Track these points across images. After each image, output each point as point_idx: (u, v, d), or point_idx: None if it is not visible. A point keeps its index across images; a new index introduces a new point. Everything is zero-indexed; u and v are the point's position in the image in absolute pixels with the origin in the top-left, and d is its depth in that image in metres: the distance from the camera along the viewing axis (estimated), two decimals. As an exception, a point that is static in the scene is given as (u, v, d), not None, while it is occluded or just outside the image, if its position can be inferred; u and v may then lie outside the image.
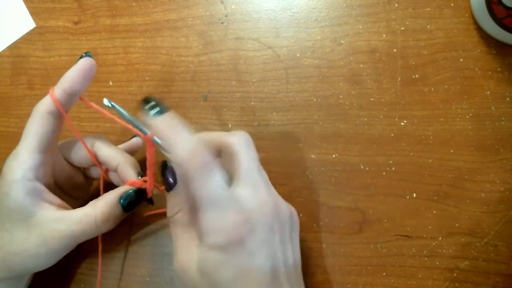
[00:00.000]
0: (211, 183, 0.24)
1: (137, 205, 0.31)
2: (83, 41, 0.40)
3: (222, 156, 0.27)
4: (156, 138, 0.27)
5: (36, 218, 0.27)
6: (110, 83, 0.39)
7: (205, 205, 0.24)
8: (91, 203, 0.29)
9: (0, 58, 0.42)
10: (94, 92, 0.39)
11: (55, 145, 0.30)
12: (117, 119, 0.28)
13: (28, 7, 0.42)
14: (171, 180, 0.26)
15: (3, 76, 0.41)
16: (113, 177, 0.33)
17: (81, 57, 0.29)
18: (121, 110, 0.27)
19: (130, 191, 0.30)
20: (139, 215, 0.36)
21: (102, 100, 0.39)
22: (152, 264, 0.34)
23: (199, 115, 0.37)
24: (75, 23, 0.41)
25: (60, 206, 0.29)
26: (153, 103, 0.24)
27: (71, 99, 0.29)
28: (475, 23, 0.34)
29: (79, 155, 0.32)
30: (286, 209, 0.27)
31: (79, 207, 0.29)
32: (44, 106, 0.28)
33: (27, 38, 0.42)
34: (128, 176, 0.31)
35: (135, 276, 0.34)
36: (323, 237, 0.33)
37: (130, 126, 0.27)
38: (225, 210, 0.24)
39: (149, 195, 0.31)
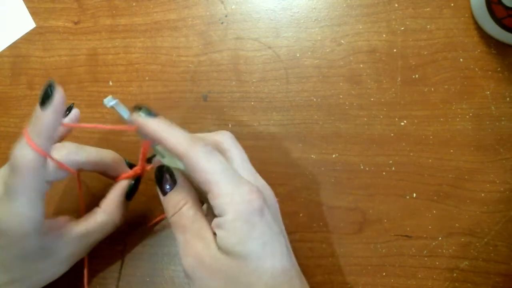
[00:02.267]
0: (217, 162, 0.24)
1: (136, 191, 0.33)
2: (83, 41, 0.40)
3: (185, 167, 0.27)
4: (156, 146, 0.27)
5: (54, 249, 0.28)
6: (110, 83, 0.39)
7: (218, 183, 0.24)
8: (103, 209, 0.31)
9: (0, 58, 0.42)
10: (94, 92, 0.39)
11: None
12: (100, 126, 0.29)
13: (28, 7, 0.42)
14: (169, 181, 0.26)
15: (3, 76, 0.41)
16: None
17: (46, 90, 0.25)
18: (122, 110, 0.27)
19: (132, 184, 0.32)
20: (139, 215, 0.36)
21: (101, 101, 0.39)
22: (152, 264, 0.34)
23: (199, 115, 0.37)
24: (75, 23, 0.41)
25: (66, 220, 0.30)
26: (144, 109, 0.25)
27: (51, 143, 0.26)
28: (475, 23, 0.34)
29: (58, 174, 0.30)
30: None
31: None
32: (31, 160, 0.25)
33: (27, 38, 0.42)
34: (121, 170, 0.32)
35: (135, 276, 0.34)
36: (323, 237, 0.33)
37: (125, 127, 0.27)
38: (239, 183, 0.24)
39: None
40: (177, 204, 0.26)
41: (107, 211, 0.31)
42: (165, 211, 0.27)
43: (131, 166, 0.33)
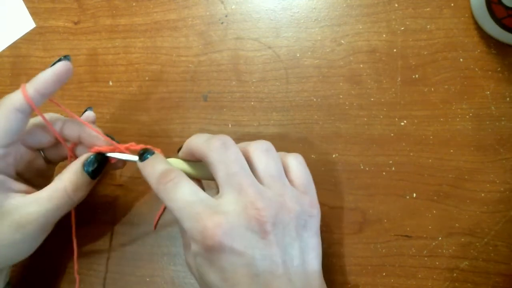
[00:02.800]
0: (178, 194, 0.25)
1: (102, 169, 0.31)
2: (83, 41, 0.40)
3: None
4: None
5: (4, 208, 0.27)
6: (110, 83, 0.39)
7: (178, 217, 0.25)
8: (58, 176, 0.29)
9: (0, 58, 0.42)
10: (94, 92, 0.39)
11: (17, 138, 0.29)
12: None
13: (28, 7, 0.42)
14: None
15: (3, 76, 0.41)
16: (80, 153, 0.32)
17: (60, 59, 0.29)
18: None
19: (91, 156, 0.30)
20: (139, 215, 0.36)
21: (101, 101, 0.39)
22: (152, 264, 0.34)
23: (199, 115, 0.37)
24: (75, 23, 0.41)
25: (27, 192, 0.29)
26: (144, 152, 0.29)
27: (42, 99, 0.28)
28: (475, 23, 0.34)
29: (37, 136, 0.31)
30: (294, 207, 0.26)
31: None
32: (13, 102, 0.27)
33: (27, 38, 0.42)
34: (93, 142, 0.31)
35: (135, 276, 0.34)
36: (323, 237, 0.33)
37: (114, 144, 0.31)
38: (196, 217, 0.24)
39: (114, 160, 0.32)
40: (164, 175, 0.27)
41: (59, 177, 0.29)
42: (149, 181, 0.27)
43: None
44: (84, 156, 0.30)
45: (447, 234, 0.32)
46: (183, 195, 0.25)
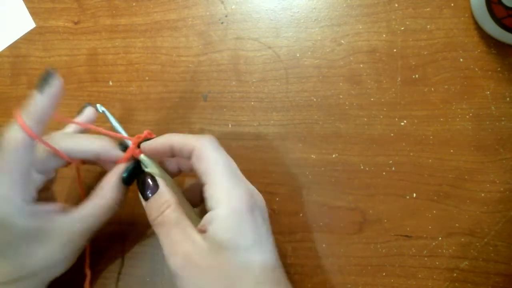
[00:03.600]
0: (223, 155, 0.26)
1: (136, 176, 0.31)
2: (83, 41, 0.40)
3: (192, 157, 0.27)
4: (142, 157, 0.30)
5: (52, 231, 0.27)
6: (110, 83, 0.39)
7: (218, 174, 0.25)
8: (96, 193, 0.30)
9: (0, 58, 0.42)
10: (94, 92, 0.39)
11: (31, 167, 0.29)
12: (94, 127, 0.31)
13: (28, 7, 0.42)
14: (151, 186, 0.27)
15: (3, 76, 0.41)
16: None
17: (47, 76, 0.26)
18: (112, 120, 0.29)
19: (129, 167, 0.30)
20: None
21: (101, 101, 0.39)
22: (152, 264, 0.34)
23: (199, 115, 0.37)
24: (75, 23, 0.41)
25: (60, 209, 0.29)
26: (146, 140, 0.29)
27: (42, 127, 0.27)
28: (475, 23, 0.34)
29: (51, 162, 0.30)
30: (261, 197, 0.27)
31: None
32: (19, 140, 0.26)
33: (27, 38, 0.42)
34: (115, 156, 0.30)
35: (135, 276, 0.34)
36: (323, 237, 0.33)
37: (115, 134, 0.30)
38: (237, 180, 0.26)
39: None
40: (160, 207, 0.27)
41: (100, 195, 0.29)
42: (148, 215, 0.27)
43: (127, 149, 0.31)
44: (118, 169, 0.30)
45: (447, 234, 0.32)
46: (225, 156, 0.27)
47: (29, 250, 0.27)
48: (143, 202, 0.28)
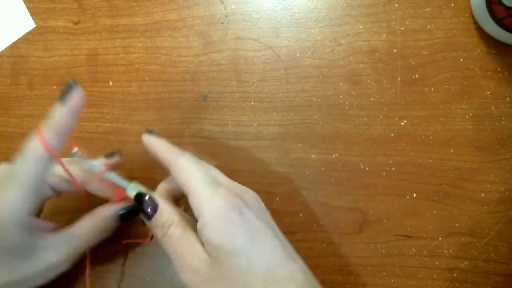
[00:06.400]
0: (199, 168, 0.27)
1: (135, 215, 0.32)
2: (83, 41, 0.40)
3: (171, 172, 0.28)
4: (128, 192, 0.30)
5: (39, 251, 0.28)
6: (110, 83, 0.39)
7: (196, 184, 0.26)
8: (91, 217, 0.31)
9: (0, 58, 0.42)
10: (94, 92, 0.39)
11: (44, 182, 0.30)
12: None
13: (28, 7, 0.42)
14: (151, 204, 0.27)
15: (3, 76, 0.41)
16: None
17: (68, 88, 0.27)
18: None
19: (128, 208, 0.32)
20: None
21: (101, 101, 0.39)
22: (152, 264, 0.34)
23: (199, 115, 0.37)
24: (75, 23, 0.41)
25: (52, 228, 0.30)
26: (151, 131, 0.30)
27: (62, 143, 0.28)
28: (475, 23, 0.34)
29: (64, 184, 0.31)
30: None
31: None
32: (38, 152, 0.27)
33: (27, 38, 0.42)
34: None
35: (135, 277, 0.34)
36: (323, 237, 0.33)
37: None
38: (215, 184, 0.26)
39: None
40: (164, 225, 0.27)
41: (93, 220, 0.31)
42: (154, 234, 0.27)
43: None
44: (102, 211, 0.31)
45: (447, 234, 0.32)
46: (202, 167, 0.27)
47: (16, 263, 0.27)
48: (147, 222, 0.28)
